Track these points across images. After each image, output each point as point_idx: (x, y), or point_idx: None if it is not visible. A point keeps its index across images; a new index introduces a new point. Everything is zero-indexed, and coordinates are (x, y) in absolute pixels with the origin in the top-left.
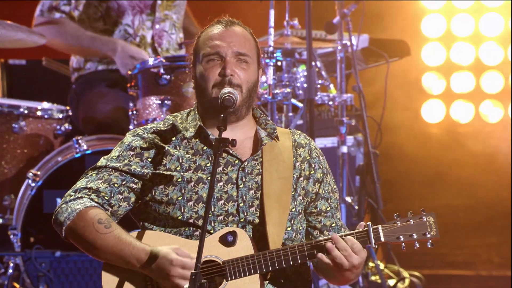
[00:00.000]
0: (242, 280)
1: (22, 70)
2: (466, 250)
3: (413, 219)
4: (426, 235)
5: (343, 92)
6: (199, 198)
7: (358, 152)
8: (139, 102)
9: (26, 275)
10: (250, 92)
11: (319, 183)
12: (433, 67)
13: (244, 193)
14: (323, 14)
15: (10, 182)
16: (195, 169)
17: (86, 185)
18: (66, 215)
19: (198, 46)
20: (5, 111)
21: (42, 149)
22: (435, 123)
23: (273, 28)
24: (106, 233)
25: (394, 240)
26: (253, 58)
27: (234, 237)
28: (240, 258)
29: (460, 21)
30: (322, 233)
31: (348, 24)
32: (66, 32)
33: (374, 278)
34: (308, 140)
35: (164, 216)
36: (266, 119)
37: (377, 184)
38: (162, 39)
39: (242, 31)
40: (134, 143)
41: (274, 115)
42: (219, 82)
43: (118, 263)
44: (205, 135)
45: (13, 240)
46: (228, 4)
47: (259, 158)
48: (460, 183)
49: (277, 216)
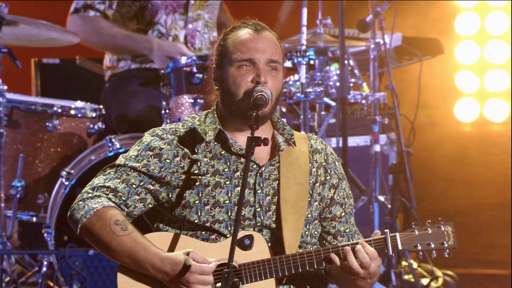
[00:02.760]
0: (258, 284)
1: (55, 69)
2: (500, 249)
3: (431, 228)
4: (443, 244)
5: (376, 91)
6: (216, 202)
7: (391, 151)
8: (172, 101)
9: (59, 273)
10: (277, 100)
11: (334, 189)
12: (466, 66)
13: (261, 198)
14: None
15: (44, 180)
16: (213, 173)
17: (104, 183)
18: (83, 213)
19: (227, 48)
20: (39, 110)
21: (75, 148)
22: (468, 122)
23: (305, 26)
24: (123, 235)
25: (411, 248)
26: (281, 64)
27: (251, 241)
28: (256, 262)
29: (494, 19)
30: (335, 238)
31: (381, 23)
32: (101, 30)
33: (407, 277)
34: (325, 145)
35: (180, 218)
36: (284, 124)
37: (410, 183)
38: (195, 38)
39: (272, 36)
40: (153, 143)
41: (306, 114)
42: (251, 89)
43: (132, 266)
44: (224, 139)
45: (47, 238)
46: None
47: (276, 163)
48: (494, 182)
49: (293, 221)
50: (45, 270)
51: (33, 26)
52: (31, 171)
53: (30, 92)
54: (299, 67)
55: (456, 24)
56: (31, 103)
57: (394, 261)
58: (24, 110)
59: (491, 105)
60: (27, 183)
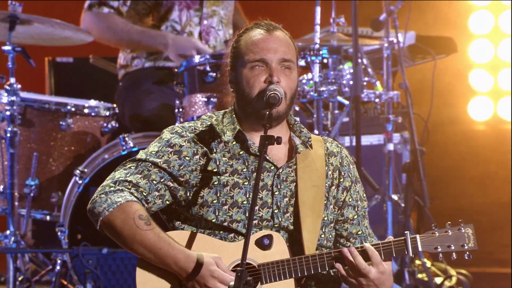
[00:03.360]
0: (277, 284)
1: (69, 68)
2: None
3: (451, 230)
4: (464, 246)
5: (390, 90)
6: (234, 202)
7: (405, 150)
8: (185, 99)
9: (73, 272)
10: (292, 99)
11: (347, 191)
12: (480, 64)
13: (279, 200)
14: (369, 11)
15: (57, 179)
16: (231, 173)
17: (125, 177)
18: (106, 206)
19: (240, 49)
20: (53, 109)
21: (89, 147)
22: (482, 121)
23: (319, 25)
24: (147, 230)
25: (431, 250)
26: (295, 63)
27: (270, 241)
28: (275, 262)
29: (508, 18)
30: (348, 240)
31: (395, 21)
32: (115, 27)
33: (420, 276)
34: (340, 148)
35: (197, 217)
36: (301, 126)
37: (424, 182)
38: (210, 35)
39: (284, 36)
40: (173, 140)
41: (320, 113)
42: (264, 89)
43: (154, 261)
44: (243, 139)
45: (61, 237)
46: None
47: (293, 166)
48: (508, 181)
49: (311, 223)
50: (59, 269)
51: (46, 25)
52: (45, 170)
53: (43, 91)
54: (312, 65)
55: (470, 23)
56: (44, 102)
57: (407, 260)
58: (38, 109)
59: (505, 104)
60: (41, 182)
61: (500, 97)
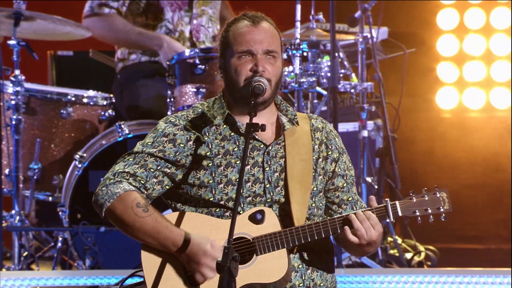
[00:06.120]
0: (271, 254)
1: (69, 61)
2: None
3: (427, 195)
4: (440, 209)
5: (364, 81)
6: (228, 181)
7: (378, 136)
8: (176, 90)
9: (73, 248)
10: (277, 85)
11: (335, 162)
12: (447, 57)
13: (270, 175)
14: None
15: (59, 163)
16: (224, 153)
17: (124, 169)
18: (107, 198)
19: (228, 39)
20: (54, 98)
21: (87, 133)
22: (448, 109)
23: (299, 22)
24: (145, 217)
25: (410, 214)
26: (279, 53)
27: (262, 216)
28: (268, 235)
29: (472, 15)
30: (340, 207)
31: (369, 18)
32: (115, 27)
33: (392, 251)
34: (324, 123)
35: (196, 198)
36: (286, 105)
37: (395, 165)
38: (200, 33)
39: (269, 26)
40: (167, 130)
41: (300, 102)
42: (250, 77)
43: (154, 245)
44: (233, 121)
45: (62, 216)
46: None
47: (281, 142)
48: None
49: (300, 196)
50: (60, 245)
51: (49, 21)
52: (47, 155)
53: (46, 82)
54: (293, 59)
55: (438, 20)
56: (47, 92)
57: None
58: (41, 98)
59: (469, 94)
60: (43, 166)
61: (465, 87)
